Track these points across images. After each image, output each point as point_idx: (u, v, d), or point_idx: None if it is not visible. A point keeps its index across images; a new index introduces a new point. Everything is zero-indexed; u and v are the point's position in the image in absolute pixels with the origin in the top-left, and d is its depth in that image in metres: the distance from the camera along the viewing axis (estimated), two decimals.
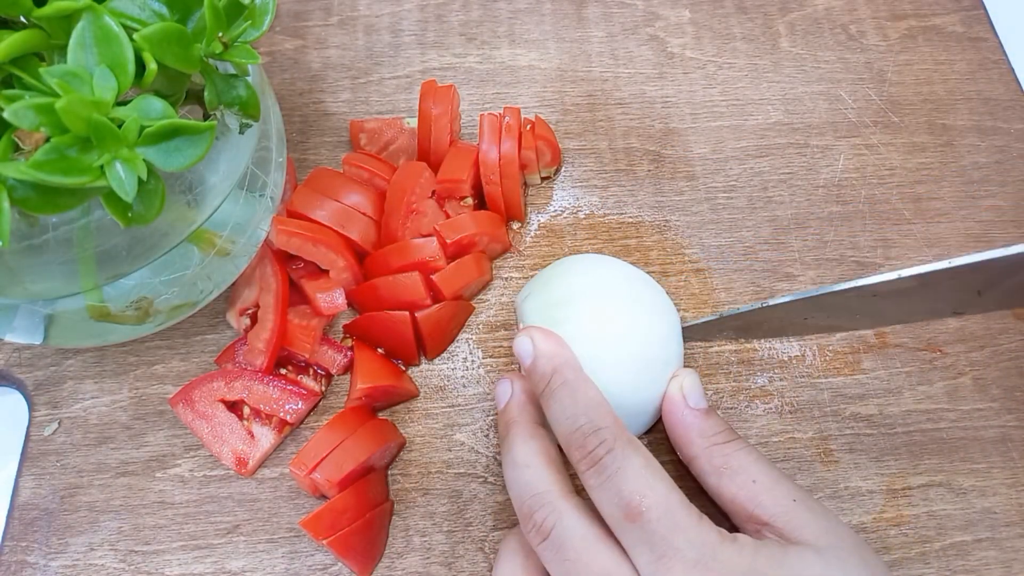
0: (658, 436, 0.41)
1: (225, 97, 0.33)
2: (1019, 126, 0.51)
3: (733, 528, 0.33)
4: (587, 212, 0.48)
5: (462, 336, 0.44)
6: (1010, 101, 0.52)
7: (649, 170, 0.49)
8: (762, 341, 0.44)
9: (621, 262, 0.41)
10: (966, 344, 0.44)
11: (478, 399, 0.42)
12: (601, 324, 0.37)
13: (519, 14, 0.55)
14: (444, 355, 0.44)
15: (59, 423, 0.42)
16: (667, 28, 0.55)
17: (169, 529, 0.39)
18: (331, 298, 0.42)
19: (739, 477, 0.33)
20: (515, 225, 0.47)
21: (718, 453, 0.34)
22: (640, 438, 0.40)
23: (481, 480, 0.40)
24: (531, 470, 0.33)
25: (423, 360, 0.43)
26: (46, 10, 0.27)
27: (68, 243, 0.32)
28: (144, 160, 0.28)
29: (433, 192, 0.45)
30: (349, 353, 0.42)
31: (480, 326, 0.44)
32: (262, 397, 0.41)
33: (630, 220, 0.47)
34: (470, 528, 0.39)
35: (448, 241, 0.42)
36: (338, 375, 0.43)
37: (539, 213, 0.48)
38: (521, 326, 0.39)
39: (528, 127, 0.46)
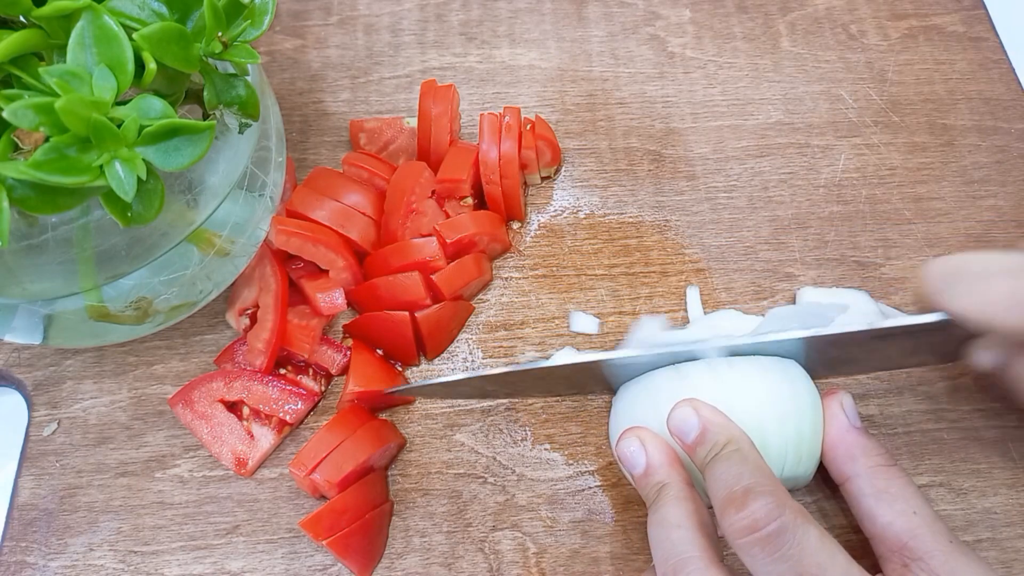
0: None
1: (224, 97, 0.33)
2: (1020, 126, 0.51)
3: (866, 556, 0.32)
4: (587, 212, 0.48)
5: (462, 336, 0.44)
6: (1011, 101, 0.52)
7: (649, 170, 0.49)
8: None
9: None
10: None
11: (477, 399, 0.42)
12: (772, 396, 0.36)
13: (519, 14, 0.55)
14: (444, 355, 0.43)
15: (58, 423, 0.42)
16: (667, 28, 0.55)
17: (168, 529, 0.39)
18: (331, 298, 0.42)
19: (899, 504, 0.33)
20: (515, 225, 0.47)
21: (881, 475, 0.34)
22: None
23: (481, 480, 0.40)
24: (682, 531, 0.31)
25: (423, 360, 0.43)
26: (45, 10, 0.27)
27: (67, 243, 0.32)
28: (143, 160, 0.28)
29: (433, 192, 0.45)
30: (348, 353, 0.42)
31: (480, 326, 0.44)
32: (261, 397, 0.40)
33: (630, 220, 0.47)
34: (470, 528, 0.39)
35: (448, 241, 0.42)
36: (337, 375, 0.43)
37: (539, 213, 0.48)
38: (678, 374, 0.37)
39: (528, 127, 0.46)
